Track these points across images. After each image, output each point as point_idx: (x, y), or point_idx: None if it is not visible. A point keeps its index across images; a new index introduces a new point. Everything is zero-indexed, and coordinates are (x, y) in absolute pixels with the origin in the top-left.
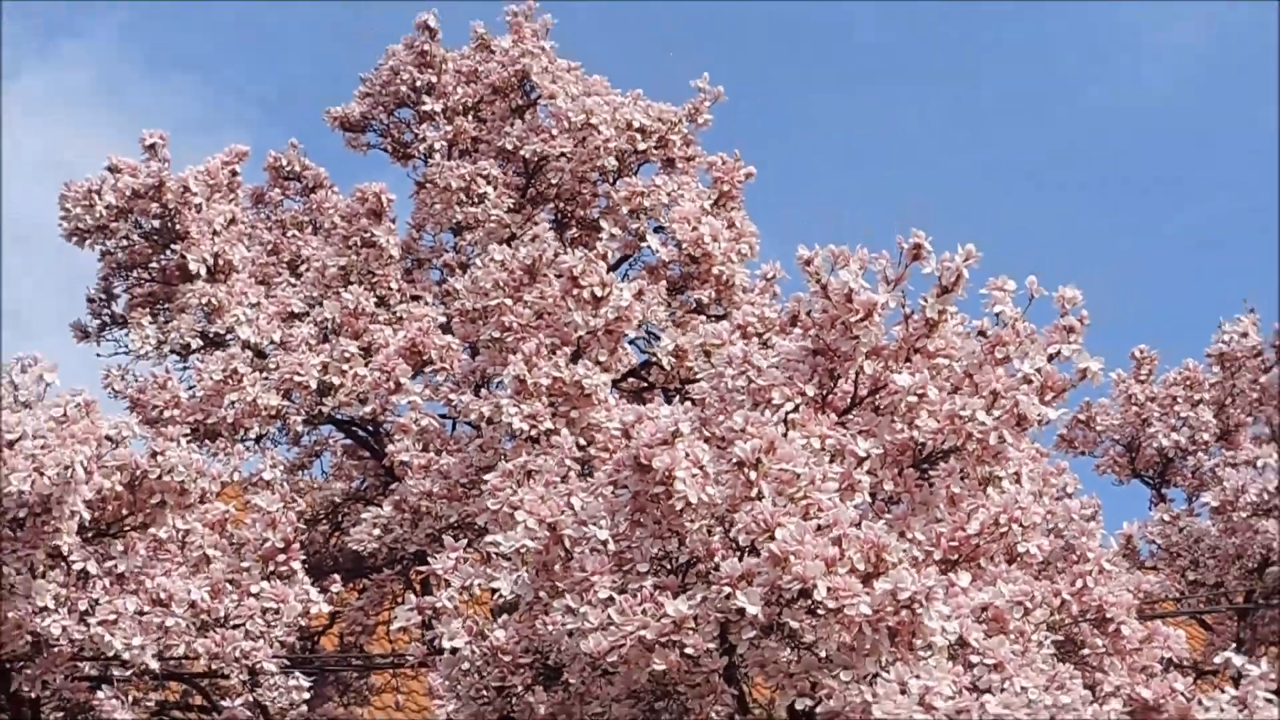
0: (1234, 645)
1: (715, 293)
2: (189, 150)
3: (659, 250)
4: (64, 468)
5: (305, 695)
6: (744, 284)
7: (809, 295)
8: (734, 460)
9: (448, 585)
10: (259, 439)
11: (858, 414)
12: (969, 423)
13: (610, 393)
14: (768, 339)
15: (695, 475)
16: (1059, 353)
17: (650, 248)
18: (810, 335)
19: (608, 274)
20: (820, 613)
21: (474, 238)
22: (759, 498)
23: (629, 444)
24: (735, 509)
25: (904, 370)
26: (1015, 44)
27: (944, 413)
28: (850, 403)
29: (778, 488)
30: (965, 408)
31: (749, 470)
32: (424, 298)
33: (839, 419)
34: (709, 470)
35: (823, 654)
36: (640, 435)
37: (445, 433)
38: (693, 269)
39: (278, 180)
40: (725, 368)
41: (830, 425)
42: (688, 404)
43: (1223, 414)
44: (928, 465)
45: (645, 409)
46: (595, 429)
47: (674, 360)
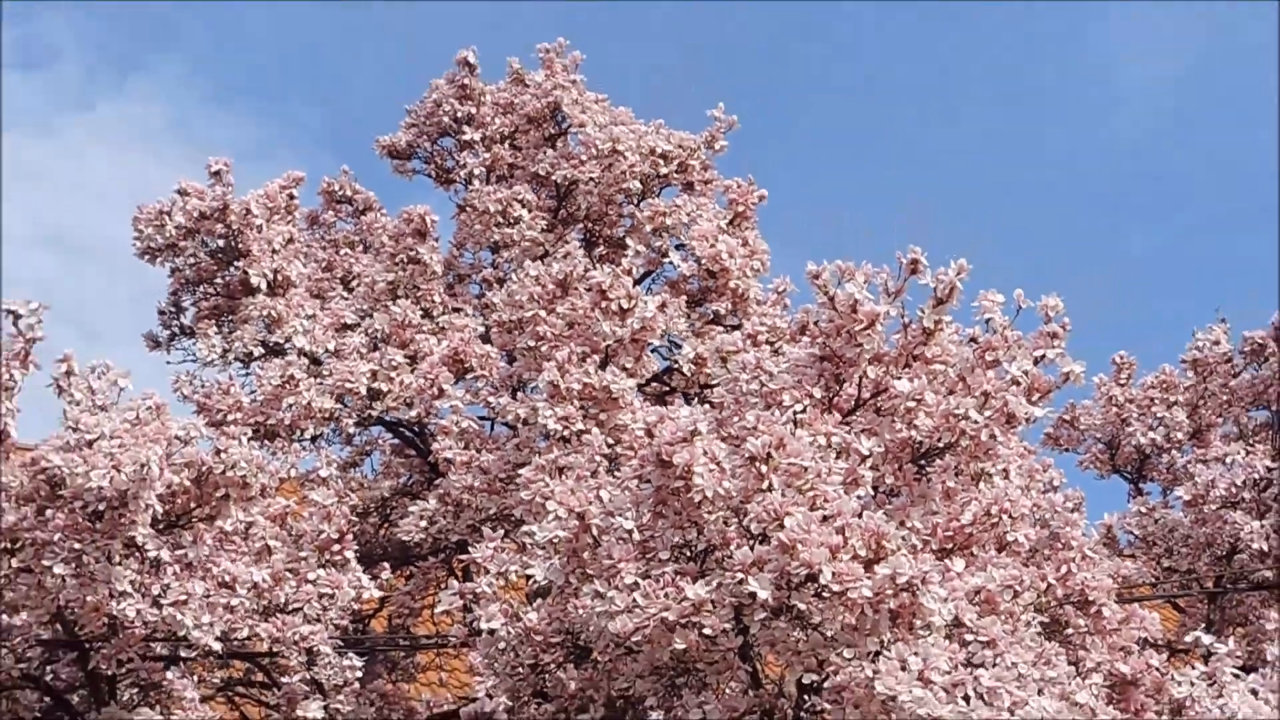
0: (1204, 626)
1: (731, 304)
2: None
3: (680, 266)
4: (139, 465)
5: (357, 673)
6: (757, 297)
7: (817, 306)
8: (747, 456)
9: (486, 572)
10: (314, 439)
11: (861, 414)
12: (962, 421)
13: (635, 396)
14: (779, 347)
15: (712, 470)
16: (1044, 357)
17: (672, 263)
18: (818, 343)
19: (633, 288)
20: (826, 595)
21: (510, 255)
22: (770, 490)
23: (652, 442)
24: (748, 500)
25: (903, 375)
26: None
27: (940, 413)
28: (854, 404)
29: (787, 481)
30: (959, 408)
31: (761, 465)
32: (465, 310)
33: (844, 419)
34: (724, 465)
35: (828, 633)
36: (662, 434)
37: (484, 433)
38: (710, 283)
39: (331, 203)
40: (740, 373)
41: (835, 424)
42: (705, 406)
43: (1195, 415)
44: (925, 461)
45: (667, 410)
46: (622, 429)
47: (693, 367)
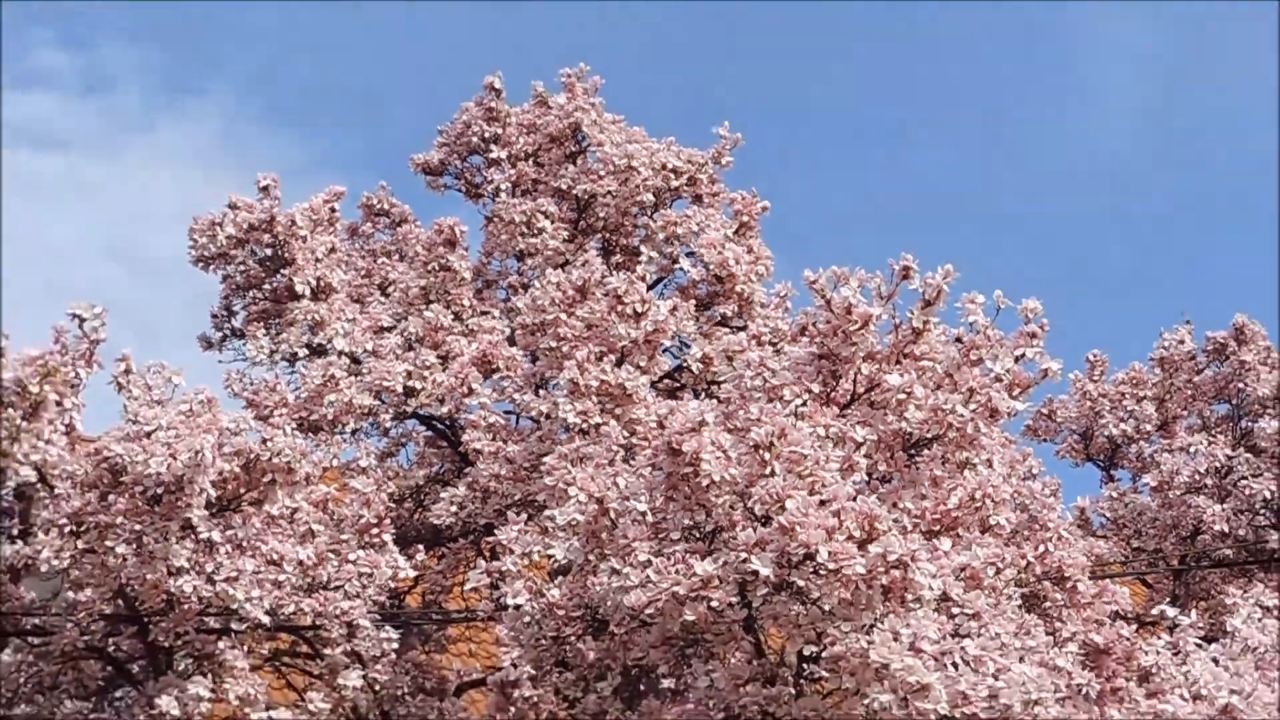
0: (1169, 600)
1: (737, 307)
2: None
3: (689, 272)
4: (193, 452)
5: (394, 645)
6: (761, 300)
7: (815, 309)
8: (752, 444)
9: (511, 552)
10: (354, 432)
11: (856, 408)
12: (949, 414)
13: (649, 392)
14: (780, 346)
15: (718, 457)
16: (1024, 355)
17: (682, 270)
18: (816, 342)
19: (646, 293)
20: (823, 573)
21: (534, 263)
22: (772, 475)
23: (663, 432)
24: (752, 485)
25: (895, 371)
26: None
27: (928, 406)
28: (849, 398)
29: (788, 467)
30: (946, 402)
31: (764, 452)
32: (492, 314)
33: (840, 412)
34: (730, 454)
35: (826, 608)
36: (672, 425)
37: (510, 426)
38: (718, 288)
39: (370, 216)
40: (745, 370)
41: (833, 417)
42: (713, 400)
43: (1162, 408)
44: (915, 450)
45: (677, 404)
46: (636, 422)
47: (701, 365)
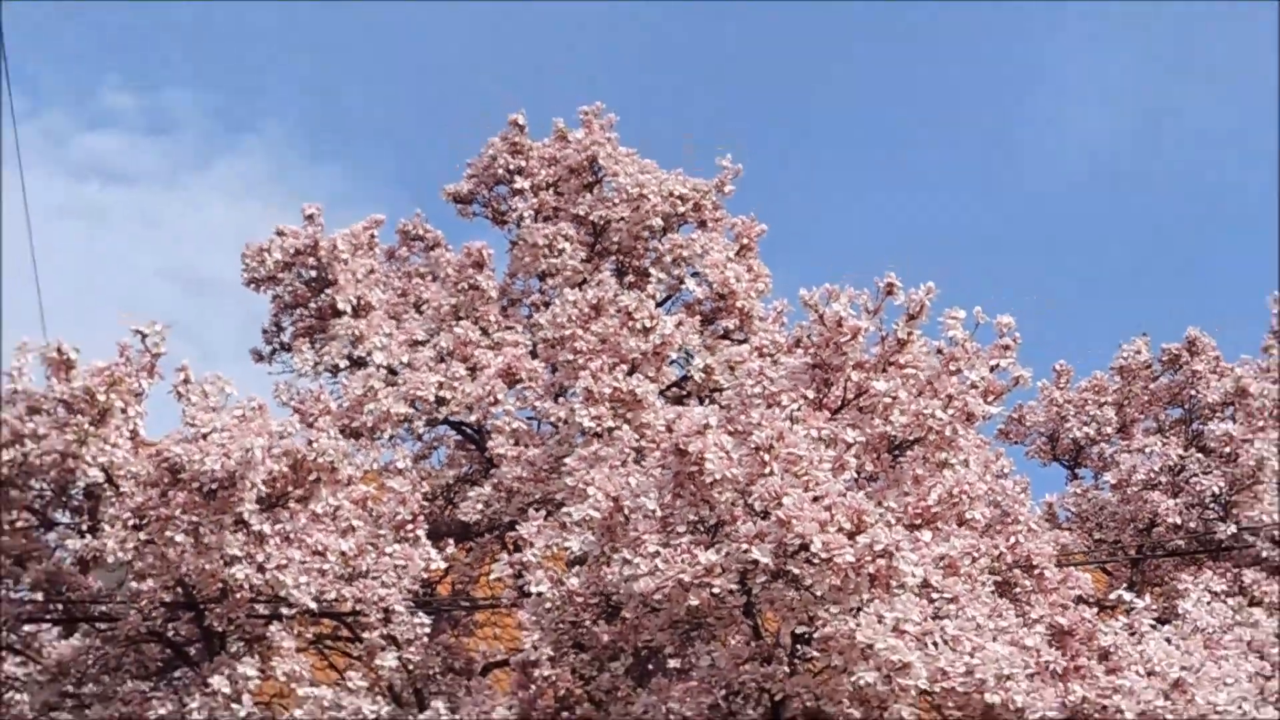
0: (1127, 586)
1: (738, 322)
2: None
3: (695, 290)
4: (245, 451)
5: (426, 629)
6: (760, 315)
7: (809, 323)
8: (753, 446)
9: (532, 545)
10: (391, 438)
11: (846, 412)
12: (930, 419)
13: (657, 399)
14: (777, 357)
15: (721, 458)
16: (998, 365)
17: (688, 288)
18: (810, 353)
19: (655, 309)
20: (816, 561)
21: (554, 283)
22: (771, 475)
23: (671, 436)
24: (752, 483)
25: (881, 379)
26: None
27: (911, 411)
28: (840, 404)
29: (785, 467)
30: (927, 407)
31: (764, 454)
32: (516, 329)
33: (832, 416)
34: (732, 454)
35: (818, 593)
36: (680, 429)
37: (532, 432)
38: (721, 304)
39: (406, 240)
40: (746, 378)
41: (825, 421)
42: (715, 406)
43: (1121, 413)
44: (898, 452)
45: (684, 410)
46: (646, 426)
47: (704, 374)
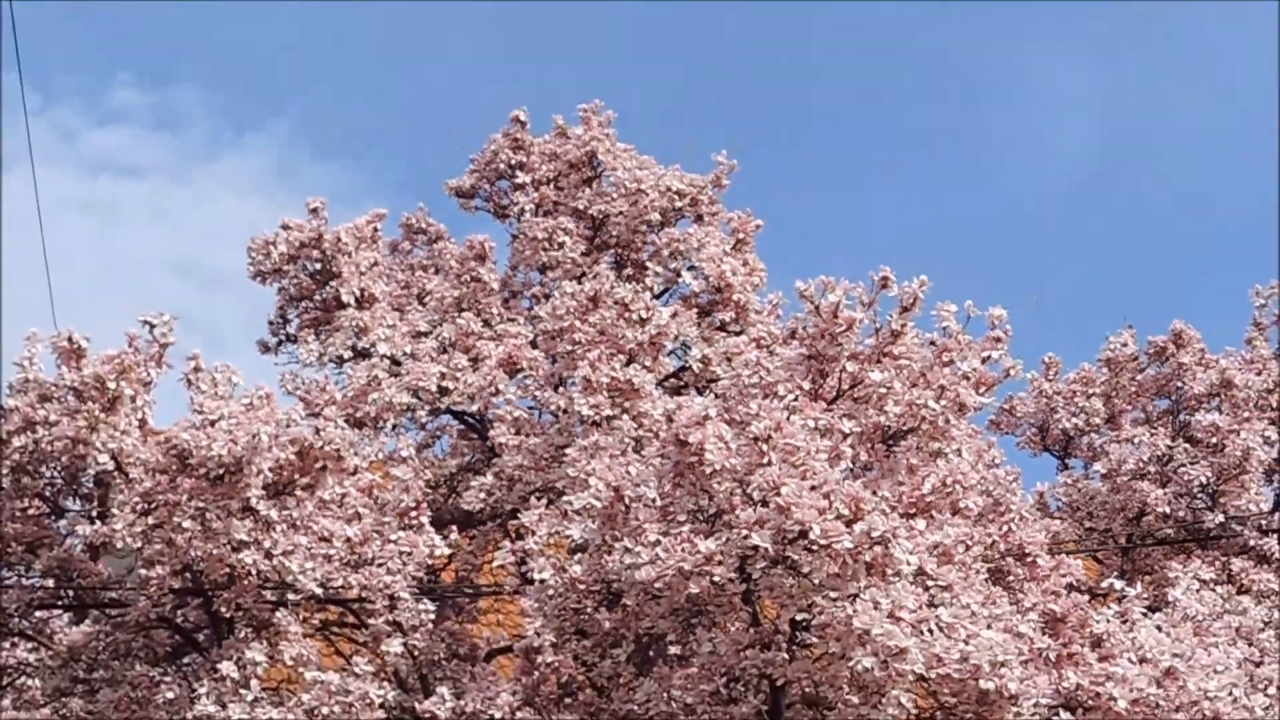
0: (1118, 574)
1: (734, 314)
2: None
3: (691, 284)
4: (252, 436)
5: (430, 616)
6: (755, 308)
7: (805, 314)
8: (751, 436)
9: (534, 533)
10: (394, 427)
11: (841, 402)
12: (923, 409)
13: (655, 389)
14: (773, 349)
15: (720, 448)
16: (990, 357)
17: (685, 281)
18: (805, 344)
19: (651, 301)
20: (814, 548)
21: (555, 275)
22: (769, 464)
23: (671, 426)
24: (751, 473)
25: (876, 369)
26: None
27: (905, 402)
28: (835, 394)
29: (783, 457)
30: (920, 398)
31: (761, 444)
32: (517, 320)
33: (828, 406)
34: (730, 444)
35: (816, 580)
36: (679, 419)
37: (533, 420)
38: (717, 297)
39: (409, 234)
40: (743, 369)
41: (821, 411)
42: (714, 396)
43: (1109, 404)
44: (893, 441)
45: (684, 400)
46: (644, 416)
47: (701, 365)
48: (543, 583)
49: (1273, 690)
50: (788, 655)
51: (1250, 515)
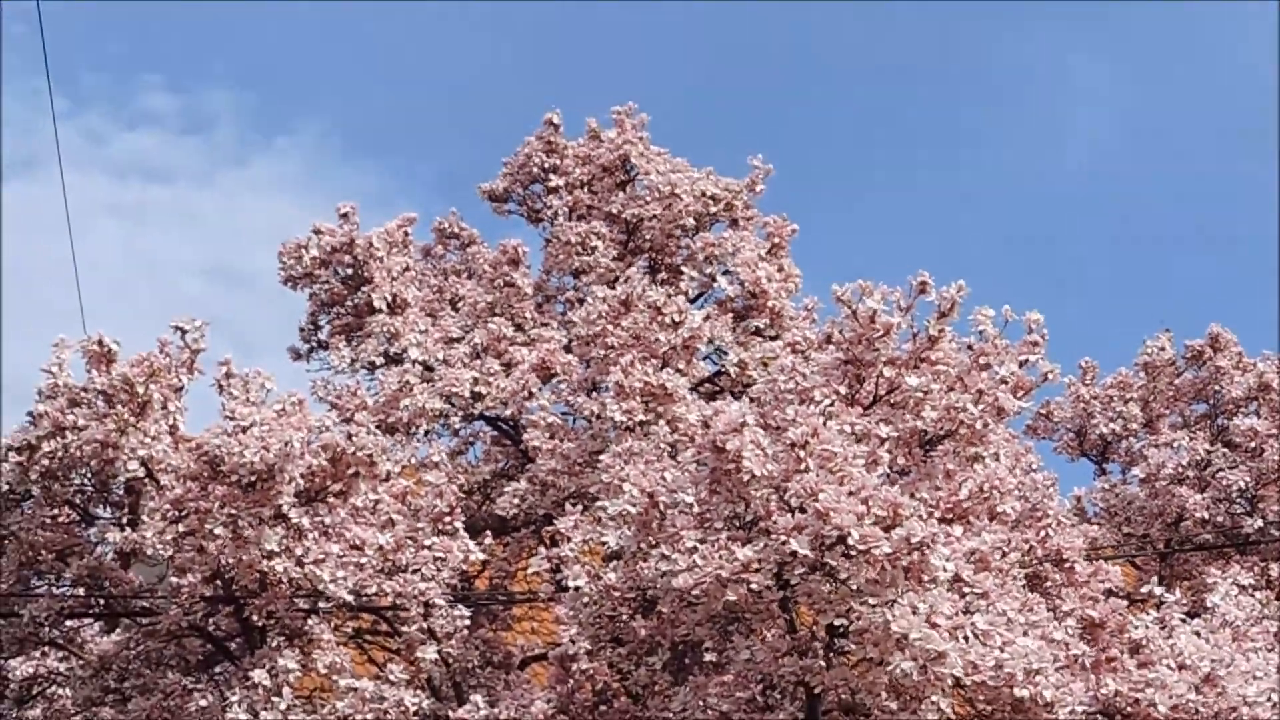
0: (1157, 580)
1: (769, 320)
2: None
3: (726, 289)
4: (284, 443)
5: (464, 623)
6: (790, 313)
7: (841, 319)
8: (788, 442)
9: (569, 540)
10: (427, 433)
11: (878, 408)
12: (961, 414)
13: (688, 393)
14: (809, 354)
15: (758, 455)
16: (1027, 361)
17: (720, 286)
18: (842, 349)
19: (683, 304)
20: (852, 554)
21: (588, 280)
22: (806, 470)
23: (708, 432)
24: (789, 479)
25: (913, 375)
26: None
27: (942, 406)
28: (872, 399)
29: (820, 463)
30: (958, 402)
31: (799, 450)
32: (551, 325)
33: (864, 411)
34: (768, 450)
35: (853, 586)
36: (716, 425)
37: (566, 426)
38: (752, 302)
39: (441, 239)
40: (779, 374)
41: (858, 416)
42: (750, 402)
43: (1147, 408)
44: (930, 446)
45: (720, 405)
46: (678, 420)
47: (738, 370)
48: (577, 589)
49: None
50: (825, 662)
51: None
